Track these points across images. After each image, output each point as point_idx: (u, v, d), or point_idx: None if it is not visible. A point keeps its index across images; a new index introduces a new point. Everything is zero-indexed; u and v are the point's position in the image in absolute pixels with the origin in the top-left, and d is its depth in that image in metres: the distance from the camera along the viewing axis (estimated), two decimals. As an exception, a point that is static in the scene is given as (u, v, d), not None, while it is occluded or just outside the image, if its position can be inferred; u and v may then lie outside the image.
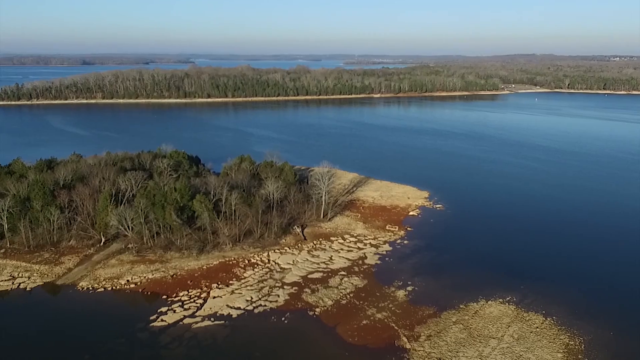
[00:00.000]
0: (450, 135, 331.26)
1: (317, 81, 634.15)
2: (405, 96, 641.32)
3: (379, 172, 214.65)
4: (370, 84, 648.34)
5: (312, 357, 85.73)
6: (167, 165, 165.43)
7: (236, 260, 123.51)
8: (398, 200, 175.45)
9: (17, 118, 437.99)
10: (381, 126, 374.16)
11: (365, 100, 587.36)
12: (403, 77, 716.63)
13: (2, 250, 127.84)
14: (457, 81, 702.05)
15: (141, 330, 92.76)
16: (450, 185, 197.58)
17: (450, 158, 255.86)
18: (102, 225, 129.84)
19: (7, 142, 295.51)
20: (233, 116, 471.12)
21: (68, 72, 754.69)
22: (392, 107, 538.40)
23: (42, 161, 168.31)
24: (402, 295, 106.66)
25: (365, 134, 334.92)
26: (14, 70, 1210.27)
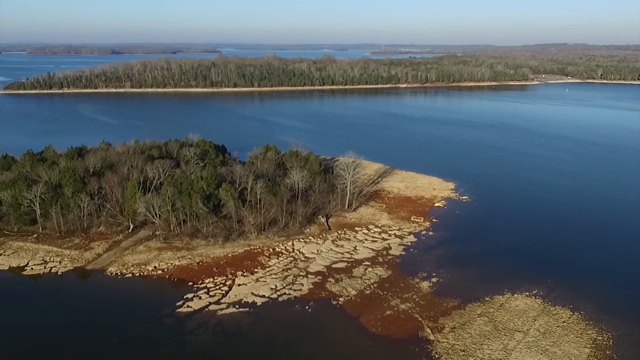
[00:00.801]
0: (477, 126, 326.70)
1: (343, 71, 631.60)
2: (432, 86, 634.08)
3: (404, 163, 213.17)
4: (396, 73, 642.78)
5: (335, 346, 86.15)
6: (194, 154, 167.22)
7: (261, 249, 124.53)
8: (423, 191, 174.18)
9: (48, 106, 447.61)
10: (407, 116, 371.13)
11: (391, 91, 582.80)
12: (430, 67, 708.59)
13: (34, 235, 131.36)
14: (485, 71, 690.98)
15: (167, 315, 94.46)
16: (476, 177, 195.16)
17: (477, 149, 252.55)
18: (131, 212, 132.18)
19: (39, 129, 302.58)
20: (259, 105, 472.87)
21: (98, 62, 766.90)
22: (418, 98, 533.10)
23: (72, 149, 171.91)
24: (427, 287, 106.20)
25: (391, 124, 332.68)
26: (46, 59, 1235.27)
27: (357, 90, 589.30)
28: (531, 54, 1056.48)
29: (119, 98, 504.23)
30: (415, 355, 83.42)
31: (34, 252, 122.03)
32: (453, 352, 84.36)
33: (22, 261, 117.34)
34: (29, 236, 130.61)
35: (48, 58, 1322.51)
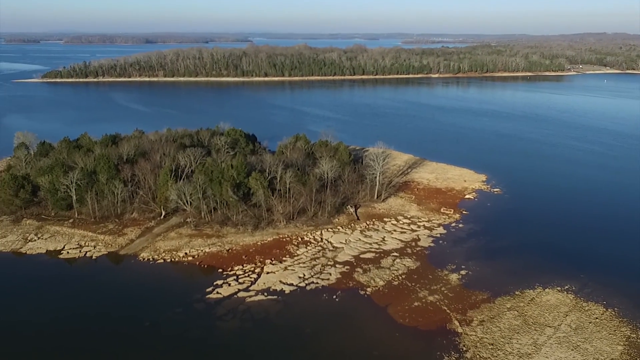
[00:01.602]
0: (510, 117, 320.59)
1: (374, 60, 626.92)
2: (465, 76, 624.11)
3: (435, 154, 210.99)
4: (428, 63, 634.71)
5: (362, 336, 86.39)
6: (225, 142, 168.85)
7: (290, 238, 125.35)
8: (454, 182, 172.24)
9: (84, 94, 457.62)
10: (438, 107, 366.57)
11: (422, 80, 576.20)
12: (463, 56, 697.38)
13: (71, 220, 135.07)
14: (520, 61, 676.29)
15: (197, 301, 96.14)
16: (508, 169, 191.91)
17: (510, 141, 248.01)
18: (163, 199, 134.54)
19: (75, 117, 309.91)
20: (289, 95, 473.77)
21: (132, 51, 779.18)
22: (450, 88, 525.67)
23: (107, 136, 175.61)
24: (455, 279, 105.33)
25: (422, 115, 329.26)
26: (82, 48, 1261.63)
27: (388, 80, 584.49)
28: (568, 44, 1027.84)
29: (152, 87, 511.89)
30: (442, 348, 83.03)
31: (70, 237, 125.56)
32: (481, 345, 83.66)
33: (59, 245, 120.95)
34: (66, 221, 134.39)
35: (84, 47, 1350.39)
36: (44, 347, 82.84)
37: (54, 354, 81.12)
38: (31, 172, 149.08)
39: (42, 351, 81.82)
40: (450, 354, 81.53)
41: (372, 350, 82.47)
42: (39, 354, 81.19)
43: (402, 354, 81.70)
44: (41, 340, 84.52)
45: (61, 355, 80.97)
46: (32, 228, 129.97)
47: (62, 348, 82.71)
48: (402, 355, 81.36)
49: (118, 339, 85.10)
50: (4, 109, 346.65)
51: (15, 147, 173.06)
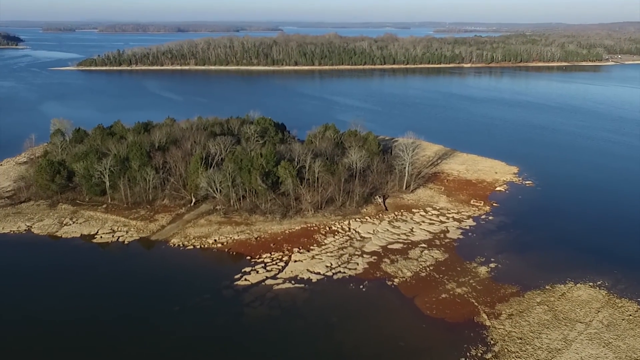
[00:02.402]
0: (544, 108, 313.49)
1: (405, 50, 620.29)
2: (498, 66, 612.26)
3: (465, 145, 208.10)
4: (460, 53, 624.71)
5: (389, 326, 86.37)
6: (254, 131, 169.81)
7: (317, 227, 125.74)
8: (485, 174, 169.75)
9: (118, 82, 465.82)
10: (470, 97, 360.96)
11: (454, 70, 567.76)
12: (496, 45, 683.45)
13: (104, 205, 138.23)
14: (555, 51, 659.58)
15: (226, 287, 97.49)
16: (541, 161, 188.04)
17: (544, 132, 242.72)
18: (193, 186, 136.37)
19: (109, 104, 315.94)
20: (319, 84, 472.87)
21: (164, 39, 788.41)
22: (482, 78, 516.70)
23: (139, 124, 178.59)
24: (484, 272, 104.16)
25: (453, 105, 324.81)
26: (115, 37, 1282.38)
27: (419, 69, 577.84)
28: (607, 33, 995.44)
29: (184, 75, 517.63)
30: (470, 340, 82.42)
31: (103, 222, 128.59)
32: (509, 339, 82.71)
33: (93, 230, 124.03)
34: (99, 206, 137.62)
35: (118, 36, 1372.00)
36: (77, 328, 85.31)
37: (86, 335, 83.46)
38: (67, 158, 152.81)
39: (75, 331, 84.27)
40: (477, 346, 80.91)
41: (398, 340, 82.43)
42: (71, 334, 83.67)
43: (429, 345, 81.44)
44: (74, 322, 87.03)
45: (93, 335, 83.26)
46: (67, 212, 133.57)
47: (94, 329, 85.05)
48: (429, 346, 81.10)
49: (148, 323, 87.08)
50: (41, 96, 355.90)
51: (52, 134, 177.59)
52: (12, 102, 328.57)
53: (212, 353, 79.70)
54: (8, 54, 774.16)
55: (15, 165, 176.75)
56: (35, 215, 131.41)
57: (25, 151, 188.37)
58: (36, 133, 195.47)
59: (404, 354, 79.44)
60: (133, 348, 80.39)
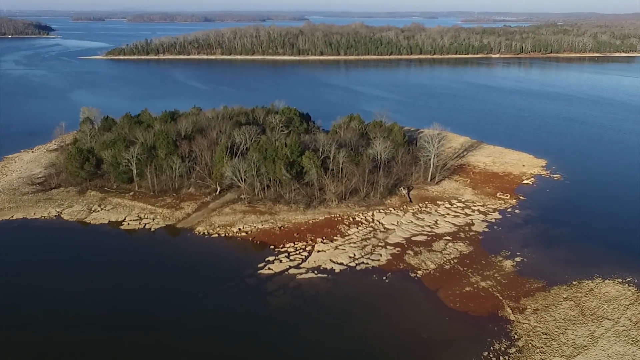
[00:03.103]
0: (574, 100, 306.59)
1: (432, 40, 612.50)
2: (527, 57, 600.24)
3: (492, 137, 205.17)
4: (489, 43, 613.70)
5: (411, 318, 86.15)
6: (279, 121, 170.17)
7: (341, 217, 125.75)
8: (512, 167, 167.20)
9: (145, 71, 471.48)
10: (498, 88, 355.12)
11: (482, 61, 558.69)
12: (526, 36, 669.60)
13: (131, 192, 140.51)
14: (587, 41, 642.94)
15: (250, 276, 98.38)
16: (570, 155, 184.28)
17: (573, 125, 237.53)
18: (218, 175, 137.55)
19: (137, 93, 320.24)
20: (344, 74, 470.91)
21: (191, 29, 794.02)
22: (511, 69, 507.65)
23: (166, 113, 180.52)
24: (509, 266, 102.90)
25: (480, 96, 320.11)
26: (144, 26, 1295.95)
27: (446, 60, 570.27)
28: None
29: (210, 64, 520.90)
30: (493, 334, 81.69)
31: (131, 209, 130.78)
32: (534, 334, 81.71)
33: (120, 216, 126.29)
34: (127, 193, 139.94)
35: (146, 25, 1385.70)
36: (103, 312, 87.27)
37: (111, 319, 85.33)
38: (95, 145, 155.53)
39: (101, 315, 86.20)
40: (501, 341, 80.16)
41: (420, 332, 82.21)
42: (98, 318, 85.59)
43: (451, 338, 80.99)
44: (100, 306, 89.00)
45: (118, 320, 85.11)
46: (95, 199, 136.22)
47: (119, 313, 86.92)
48: (451, 339, 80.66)
49: (173, 308, 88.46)
50: (71, 84, 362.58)
51: (81, 122, 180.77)
52: (43, 90, 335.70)
53: (235, 340, 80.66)
54: (40, 43, 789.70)
55: (46, 152, 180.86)
56: (65, 202, 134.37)
57: (56, 138, 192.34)
58: (66, 121, 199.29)
59: (426, 346, 79.22)
60: (158, 332, 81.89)
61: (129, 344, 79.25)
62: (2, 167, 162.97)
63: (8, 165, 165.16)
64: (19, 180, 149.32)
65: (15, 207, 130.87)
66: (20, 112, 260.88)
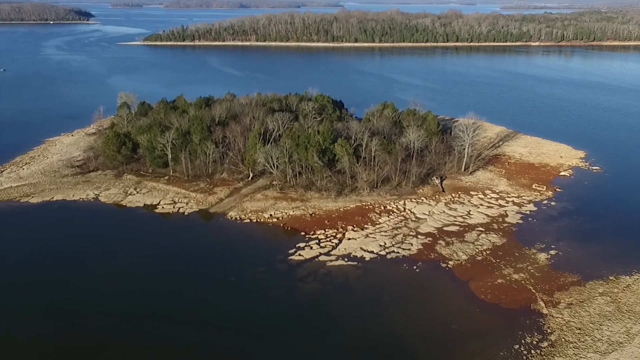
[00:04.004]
0: (617, 90, 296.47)
1: (469, 27, 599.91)
2: (568, 45, 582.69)
3: (529, 127, 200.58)
4: (528, 30, 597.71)
5: (441, 308, 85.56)
6: (312, 108, 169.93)
7: (372, 206, 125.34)
8: (549, 158, 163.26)
9: (181, 57, 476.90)
10: (536, 77, 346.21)
11: (521, 49, 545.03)
12: (568, 23, 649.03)
13: (166, 177, 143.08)
14: (633, 29, 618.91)
15: (280, 261, 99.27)
16: (611, 146, 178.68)
17: (615, 115, 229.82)
18: (251, 161, 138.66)
19: (172, 79, 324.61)
20: (378, 61, 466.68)
21: (226, 15, 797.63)
22: (551, 57, 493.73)
23: (201, 99, 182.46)
24: (544, 259, 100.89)
25: (518, 85, 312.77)
26: (180, 13, 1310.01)
27: (483, 47, 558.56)
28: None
29: (244, 51, 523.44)
30: (525, 327, 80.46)
31: (165, 193, 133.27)
32: (568, 329, 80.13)
33: (155, 200, 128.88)
34: (161, 178, 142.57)
35: (182, 11, 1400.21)
36: (136, 293, 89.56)
37: (145, 299, 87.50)
38: (132, 130, 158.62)
39: (134, 296, 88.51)
40: (533, 334, 78.92)
41: (450, 323, 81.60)
42: (131, 298, 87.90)
43: (482, 329, 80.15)
44: (133, 287, 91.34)
45: (151, 300, 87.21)
46: (131, 183, 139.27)
47: (152, 294, 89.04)
48: (482, 331, 79.82)
49: (204, 291, 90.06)
50: (109, 69, 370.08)
51: (119, 106, 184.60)
52: (83, 75, 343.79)
53: (265, 324, 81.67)
54: (80, 28, 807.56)
55: (85, 135, 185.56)
56: (103, 184, 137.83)
57: (94, 122, 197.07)
58: (104, 105, 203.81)
59: (455, 337, 78.64)
60: (190, 313, 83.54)
61: (159, 322, 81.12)
62: (44, 150, 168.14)
63: (49, 148, 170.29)
64: (59, 163, 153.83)
65: (55, 188, 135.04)
66: (60, 97, 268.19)
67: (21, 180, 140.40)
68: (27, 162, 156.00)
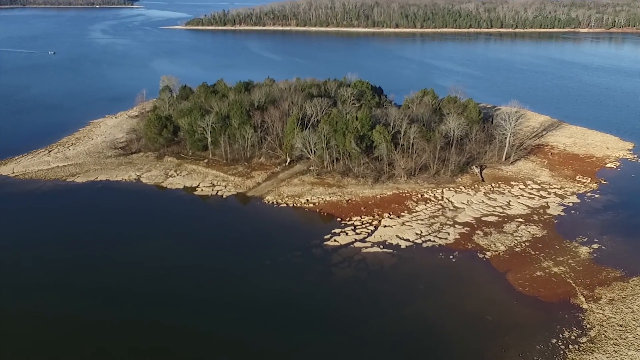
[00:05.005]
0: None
1: (514, 12, 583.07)
2: (620, 32, 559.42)
3: (574, 117, 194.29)
4: (577, 16, 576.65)
5: (477, 299, 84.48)
6: (351, 94, 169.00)
7: (409, 194, 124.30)
8: (594, 149, 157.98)
9: (222, 41, 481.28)
10: (584, 65, 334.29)
11: (568, 35, 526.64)
12: (620, 9, 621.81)
13: (205, 160, 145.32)
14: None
15: (316, 246, 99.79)
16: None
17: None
18: (288, 146, 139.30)
19: (213, 63, 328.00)
20: (419, 47, 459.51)
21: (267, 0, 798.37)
22: (600, 44, 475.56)
23: (240, 83, 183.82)
24: (585, 252, 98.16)
25: (564, 73, 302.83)
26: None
27: (529, 34, 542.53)
28: None
29: (285, 36, 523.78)
30: (563, 322, 78.73)
31: (204, 176, 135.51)
32: (608, 325, 77.98)
33: (195, 182, 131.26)
34: (201, 161, 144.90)
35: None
36: (175, 273, 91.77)
37: (183, 279, 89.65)
38: (173, 113, 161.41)
39: (173, 276, 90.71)
40: (571, 329, 77.18)
41: (485, 314, 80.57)
42: (170, 278, 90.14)
43: (518, 322, 78.79)
44: (173, 267, 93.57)
45: (190, 280, 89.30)
46: (172, 165, 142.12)
47: (190, 274, 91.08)
48: (518, 323, 78.47)
49: (240, 273, 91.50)
50: (152, 53, 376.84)
51: (161, 90, 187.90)
52: (126, 58, 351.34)
53: (299, 308, 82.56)
54: (124, 13, 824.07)
55: (128, 118, 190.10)
56: (144, 166, 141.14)
57: (137, 105, 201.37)
58: (147, 88, 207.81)
59: (490, 328, 77.64)
60: (226, 295, 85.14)
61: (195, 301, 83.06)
62: (88, 132, 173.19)
63: (94, 130, 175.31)
64: (103, 144, 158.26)
65: (99, 169, 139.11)
66: (105, 79, 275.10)
67: (67, 160, 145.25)
68: (73, 142, 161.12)
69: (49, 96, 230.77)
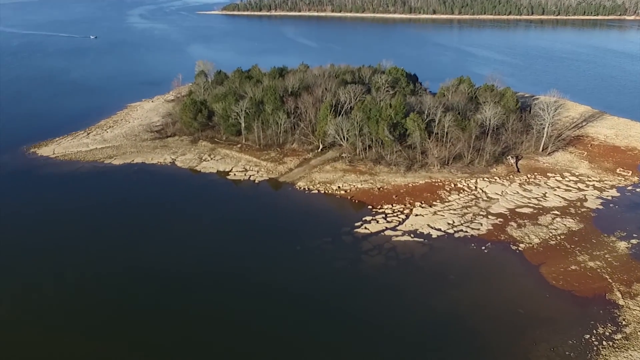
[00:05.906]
0: None
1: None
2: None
3: (617, 108, 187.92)
4: (624, 3, 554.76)
5: (508, 291, 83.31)
6: (385, 81, 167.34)
7: (442, 183, 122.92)
8: (637, 141, 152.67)
9: (257, 27, 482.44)
10: (629, 54, 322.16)
11: (613, 23, 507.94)
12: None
13: (239, 145, 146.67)
14: None
15: (346, 233, 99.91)
16: None
17: None
18: (321, 133, 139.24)
19: (248, 48, 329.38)
20: (457, 34, 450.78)
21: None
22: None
23: (275, 69, 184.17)
24: (624, 247, 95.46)
25: (606, 62, 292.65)
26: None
27: (571, 21, 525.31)
28: None
29: (320, 21, 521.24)
30: (598, 317, 77.00)
31: (237, 160, 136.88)
32: (645, 322, 75.97)
33: (228, 167, 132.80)
34: (234, 145, 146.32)
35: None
36: (208, 257, 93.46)
37: (216, 263, 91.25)
38: (208, 98, 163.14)
39: (206, 260, 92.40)
40: (606, 325, 75.43)
41: (517, 307, 79.43)
42: (204, 262, 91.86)
43: (550, 316, 77.40)
44: (206, 250, 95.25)
45: (222, 263, 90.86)
46: (206, 149, 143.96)
47: (223, 258, 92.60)
48: (551, 317, 77.10)
49: (272, 258, 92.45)
50: (188, 38, 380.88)
51: (196, 75, 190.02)
52: (164, 43, 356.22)
53: (328, 293, 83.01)
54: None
55: (164, 102, 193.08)
56: (179, 150, 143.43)
57: (173, 89, 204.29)
58: (183, 72, 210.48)
59: (521, 321, 76.52)
60: (257, 277, 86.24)
61: (226, 284, 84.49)
62: (126, 115, 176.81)
63: (131, 113, 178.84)
64: (140, 128, 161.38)
65: (136, 152, 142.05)
66: (142, 63, 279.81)
67: (105, 142, 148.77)
68: (110, 125, 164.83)
69: (89, 79, 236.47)
